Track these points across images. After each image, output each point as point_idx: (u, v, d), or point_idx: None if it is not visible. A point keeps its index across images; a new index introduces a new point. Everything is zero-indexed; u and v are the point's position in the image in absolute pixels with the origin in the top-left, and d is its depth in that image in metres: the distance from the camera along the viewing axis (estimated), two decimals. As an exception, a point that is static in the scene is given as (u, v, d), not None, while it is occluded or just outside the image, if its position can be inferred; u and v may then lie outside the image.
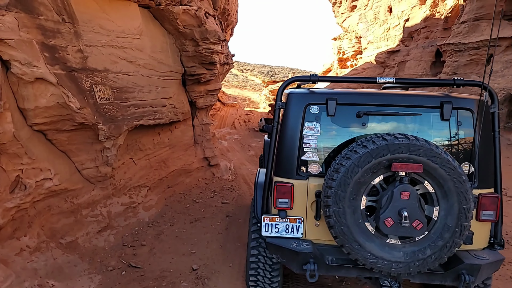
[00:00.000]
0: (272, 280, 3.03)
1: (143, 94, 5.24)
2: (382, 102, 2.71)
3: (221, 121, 17.79)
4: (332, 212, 2.34)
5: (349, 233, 2.33)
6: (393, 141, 2.27)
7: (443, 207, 2.32)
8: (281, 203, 2.68)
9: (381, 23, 17.03)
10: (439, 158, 2.24)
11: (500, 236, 2.67)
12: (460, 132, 2.66)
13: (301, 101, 2.75)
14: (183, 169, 7.01)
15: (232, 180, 7.71)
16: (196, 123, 7.75)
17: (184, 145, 7.25)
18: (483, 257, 2.51)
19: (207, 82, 7.30)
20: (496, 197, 2.56)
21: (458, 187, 2.25)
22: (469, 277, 2.40)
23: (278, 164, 2.78)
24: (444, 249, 2.32)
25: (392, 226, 2.28)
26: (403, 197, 2.27)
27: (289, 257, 2.63)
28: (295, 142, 2.71)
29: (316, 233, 2.72)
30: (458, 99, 2.66)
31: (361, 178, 2.32)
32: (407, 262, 2.33)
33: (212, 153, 7.89)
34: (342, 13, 21.65)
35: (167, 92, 5.98)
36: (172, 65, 6.13)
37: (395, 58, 15.35)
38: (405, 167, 2.25)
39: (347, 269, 2.61)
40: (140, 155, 5.78)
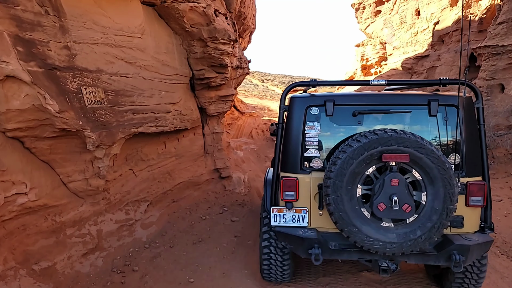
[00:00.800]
0: (283, 263, 3.30)
1: (144, 99, 4.74)
2: (375, 102, 3.02)
3: (238, 131, 17.26)
4: (331, 200, 2.64)
5: (347, 218, 2.62)
6: (383, 135, 2.56)
7: (430, 192, 2.58)
8: (287, 196, 2.97)
9: (408, 27, 16.12)
10: (424, 149, 2.51)
11: (490, 220, 2.91)
12: (447, 126, 2.93)
13: (302, 103, 3.04)
14: (191, 181, 6.44)
15: (244, 193, 7.06)
16: (207, 131, 7.20)
17: (193, 155, 6.70)
18: (473, 239, 2.74)
19: (218, 87, 6.76)
20: (483, 184, 2.81)
21: (443, 174, 2.52)
22: (459, 257, 2.65)
23: (283, 161, 3.08)
24: (433, 229, 2.58)
25: (384, 210, 2.57)
26: (393, 184, 2.56)
27: (296, 243, 2.92)
28: (298, 140, 3.01)
29: (320, 221, 3.00)
30: (444, 97, 2.92)
31: (356, 169, 2.60)
32: (400, 243, 2.60)
33: (223, 164, 7.30)
34: (366, 19, 20.84)
35: (172, 97, 5.47)
36: (179, 67, 5.63)
37: (424, 64, 14.37)
38: (394, 157, 2.54)
39: (348, 253, 2.88)
40: (142, 166, 5.26)
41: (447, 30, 13.58)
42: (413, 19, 15.91)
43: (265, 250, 3.30)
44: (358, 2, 20.89)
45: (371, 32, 20.13)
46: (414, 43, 15.71)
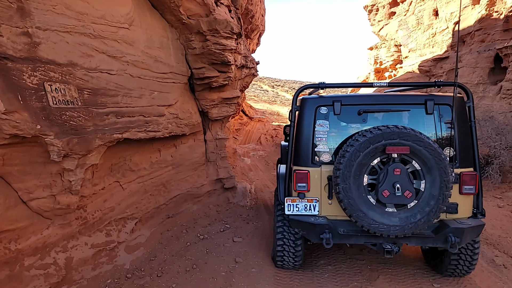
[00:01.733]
0: (296, 249, 3.58)
1: (131, 99, 4.05)
2: (378, 102, 3.31)
3: (246, 136, 16.56)
4: (341, 189, 2.95)
5: (355, 205, 2.94)
6: (386, 130, 2.90)
7: (428, 180, 2.92)
8: (300, 187, 3.23)
9: (425, 28, 15.24)
10: (422, 142, 2.86)
11: (481, 207, 3.22)
12: (442, 123, 3.22)
13: (312, 104, 3.31)
14: (190, 193, 5.72)
15: (250, 207, 6.30)
16: (209, 137, 6.49)
17: (193, 163, 5.99)
18: (466, 223, 3.09)
19: (221, 89, 6.06)
20: (475, 174, 3.15)
21: (439, 164, 2.86)
22: (455, 238, 2.99)
23: (296, 156, 3.33)
24: (431, 213, 2.91)
25: (388, 196, 2.91)
26: (396, 173, 2.90)
27: (308, 229, 3.19)
28: (309, 137, 3.28)
29: (329, 210, 3.27)
30: (439, 97, 3.21)
31: (362, 161, 2.92)
32: (402, 225, 2.93)
33: (227, 173, 6.56)
34: (379, 21, 20.01)
35: (167, 99, 4.78)
36: (175, 65, 4.95)
37: (443, 66, 13.47)
38: (396, 149, 2.88)
39: (356, 237, 3.15)
40: (130, 177, 4.57)
41: (469, 30, 12.67)
42: (431, 20, 15.04)
43: (279, 237, 3.59)
44: (371, 4, 20.11)
45: (385, 35, 19.29)
46: (432, 45, 14.82)
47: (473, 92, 11.83)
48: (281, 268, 3.83)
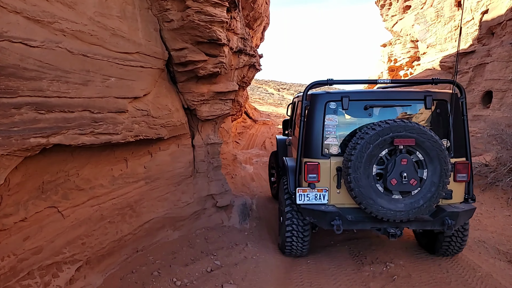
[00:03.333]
0: (304, 235, 3.76)
1: (68, 87, 2.72)
2: (382, 98, 3.63)
3: (249, 141, 15.19)
4: (352, 178, 3.15)
5: (365, 193, 3.16)
6: (393, 124, 3.12)
7: (430, 169, 3.16)
8: (310, 178, 3.46)
9: (446, 20, 13.84)
10: (426, 134, 3.09)
11: (472, 192, 3.57)
12: (439, 117, 3.55)
13: (322, 99, 3.55)
14: (169, 216, 4.36)
15: (250, 231, 4.92)
16: (198, 142, 5.14)
17: (175, 176, 4.63)
18: (460, 207, 3.40)
19: (212, 79, 4.72)
20: (467, 163, 3.47)
21: (439, 154, 3.11)
22: (451, 221, 3.26)
23: (306, 148, 3.56)
24: (432, 199, 3.18)
25: (396, 184, 3.14)
26: (403, 163, 3.12)
27: (320, 217, 3.41)
28: (319, 131, 3.51)
29: (338, 199, 3.51)
30: (437, 93, 3.51)
31: (372, 152, 3.13)
32: (406, 211, 3.17)
33: (221, 187, 5.20)
34: (393, 16, 18.63)
35: (131, 89, 3.43)
36: (144, 43, 3.61)
37: (469, 61, 12.03)
38: (403, 141, 3.10)
39: (363, 223, 3.38)
40: (77, 200, 3.22)
41: (499, 19, 11.23)
42: (452, 11, 13.63)
43: (288, 227, 3.73)
44: (383, -2, 18.76)
45: (399, 30, 17.88)
46: (454, 38, 13.40)
47: (508, 90, 10.36)
48: (289, 256, 4.00)
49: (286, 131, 5.75)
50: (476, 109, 11.10)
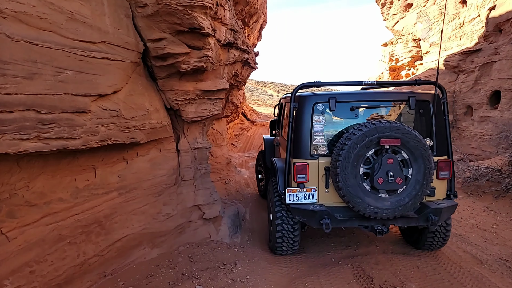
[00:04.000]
0: (294, 235, 3.83)
1: (4, 80, 2.19)
2: (368, 99, 3.74)
3: (246, 143, 14.66)
4: (340, 178, 3.23)
5: (353, 192, 3.24)
6: (379, 125, 3.19)
7: (414, 168, 3.27)
8: (299, 178, 3.50)
9: (450, 18, 13.30)
10: (410, 134, 3.19)
11: (454, 189, 3.69)
12: (422, 117, 3.68)
13: (310, 101, 3.61)
14: (147, 232, 3.82)
15: (241, 246, 4.38)
16: (184, 146, 4.60)
17: (156, 185, 4.09)
18: (443, 203, 3.52)
19: (198, 76, 4.19)
20: (449, 161, 3.59)
21: (423, 154, 3.22)
22: (434, 217, 3.39)
23: (295, 149, 3.60)
24: (417, 196, 3.29)
25: (383, 183, 3.23)
26: (389, 162, 3.21)
27: (309, 216, 3.46)
28: (307, 132, 3.56)
29: (326, 198, 3.57)
30: (420, 94, 3.63)
31: (359, 152, 3.20)
32: (393, 208, 3.28)
33: (209, 197, 4.65)
34: (394, 15, 18.08)
35: (94, 85, 2.89)
36: (112, 31, 3.07)
37: (475, 60, 11.49)
38: (389, 141, 3.18)
39: (351, 221, 3.48)
40: (28, 217, 2.68)
41: (508, 16, 10.70)
42: (457, 8, 13.11)
43: (278, 227, 3.80)
44: (384, -4, 18.23)
45: (400, 29, 17.36)
46: (459, 36, 12.87)
47: None
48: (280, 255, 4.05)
49: (273, 131, 5.83)
50: (483, 110, 10.58)
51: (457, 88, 11.75)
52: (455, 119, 11.57)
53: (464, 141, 10.80)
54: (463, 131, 11.04)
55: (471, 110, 11.10)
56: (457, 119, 11.46)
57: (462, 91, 11.43)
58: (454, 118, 11.59)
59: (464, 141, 10.73)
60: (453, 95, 11.79)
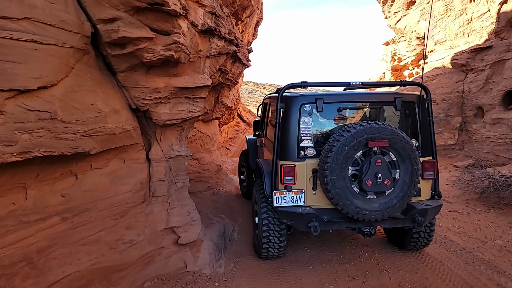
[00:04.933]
0: (280, 239, 3.76)
1: None
2: (355, 100, 3.77)
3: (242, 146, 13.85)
4: (329, 180, 3.17)
5: (342, 194, 3.19)
6: (367, 126, 3.15)
7: (402, 169, 3.25)
8: (287, 180, 3.42)
9: (457, 14, 12.57)
10: (398, 136, 3.17)
11: (438, 189, 3.68)
12: (408, 118, 3.69)
13: (297, 102, 3.54)
14: (101, 267, 3.01)
15: (223, 280, 3.57)
16: (156, 155, 3.81)
17: (116, 205, 3.28)
18: (428, 204, 3.51)
19: (169, 68, 3.40)
20: (434, 162, 3.60)
21: (411, 155, 3.20)
22: (420, 218, 3.38)
23: (282, 151, 3.53)
24: (404, 197, 3.28)
25: (371, 185, 3.18)
26: (377, 164, 3.16)
27: (297, 219, 3.39)
28: (295, 133, 3.50)
29: (314, 200, 3.52)
30: (405, 95, 3.64)
31: (348, 154, 3.15)
32: (381, 210, 3.24)
33: (186, 216, 3.85)
34: (396, 13, 17.35)
35: (10, 76, 2.08)
36: (42, 5, 2.25)
37: (485, 58, 10.74)
38: (377, 143, 3.15)
39: (339, 223, 3.42)
40: None
41: (521, 10, 9.94)
42: (464, 3, 12.37)
43: (264, 230, 3.71)
44: (385, -7, 17.50)
45: (403, 27, 16.63)
46: (467, 33, 12.12)
47: None
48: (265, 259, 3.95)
49: (256, 131, 5.69)
50: (495, 112, 9.80)
51: (466, 88, 10.97)
52: (464, 121, 10.79)
53: (475, 144, 10.00)
54: (474, 134, 10.26)
55: (481, 111, 10.32)
56: (467, 121, 10.68)
57: (471, 91, 10.65)
58: (464, 120, 10.82)
59: (475, 145, 9.94)
60: (461, 95, 11.02)
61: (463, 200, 6.02)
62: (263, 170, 3.89)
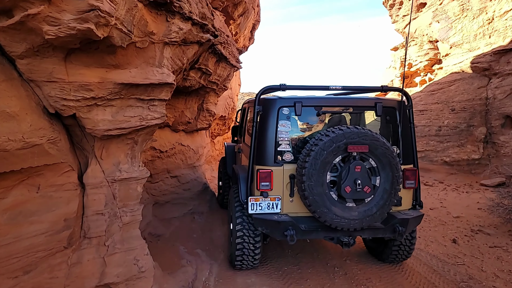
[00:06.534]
0: (255, 248, 3.56)
1: None
2: (335, 104, 3.69)
3: (240, 159, 12.66)
4: (306, 186, 3.02)
5: (320, 201, 3.04)
6: (347, 130, 3.05)
7: (382, 176, 3.13)
8: (263, 186, 3.29)
9: (475, 14, 11.47)
10: (378, 141, 3.06)
11: (419, 199, 3.59)
12: (388, 124, 3.61)
13: (275, 105, 3.41)
14: None
15: None
16: (94, 178, 2.75)
17: (18, 255, 2.20)
18: (409, 214, 3.40)
19: (102, 55, 2.35)
20: (415, 170, 3.50)
21: (391, 161, 3.09)
22: (401, 228, 3.24)
23: (259, 155, 3.38)
24: (385, 206, 3.15)
25: (350, 191, 3.05)
26: (357, 170, 3.04)
27: (273, 227, 3.25)
28: (272, 137, 3.35)
29: (291, 207, 3.37)
30: (386, 100, 3.59)
31: (326, 159, 3.03)
32: (360, 219, 3.10)
33: (132, 267, 2.75)
34: (404, 16, 16.32)
35: None
36: None
37: (511, 60, 9.57)
38: (357, 148, 3.04)
39: (316, 232, 3.25)
40: None
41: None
42: (483, 2, 11.27)
43: (238, 239, 3.51)
44: (393, -4, 16.52)
45: (413, 31, 15.55)
46: (488, 34, 10.99)
47: None
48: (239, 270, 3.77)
49: (235, 137, 5.59)
50: (526, 120, 8.63)
51: (490, 94, 9.78)
52: (489, 132, 9.56)
53: (504, 159, 8.75)
54: (502, 147, 9.01)
55: (510, 120, 9.10)
56: (493, 132, 9.44)
57: (497, 98, 9.46)
58: (489, 131, 9.59)
59: (504, 160, 8.69)
60: (485, 103, 9.82)
61: (505, 231, 4.82)
62: (239, 175, 3.74)
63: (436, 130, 10.52)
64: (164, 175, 5.46)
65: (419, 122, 11.03)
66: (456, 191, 7.90)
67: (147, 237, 4.30)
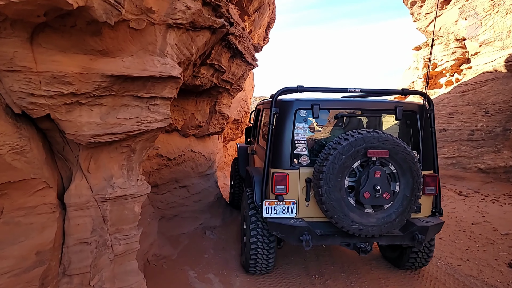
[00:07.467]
0: (269, 252, 3.45)
1: None
2: (353, 107, 3.52)
3: (254, 165, 12.04)
4: (324, 191, 2.92)
5: (337, 206, 2.94)
6: (367, 135, 2.93)
7: (402, 182, 3.01)
8: (278, 189, 3.19)
9: (508, 9, 10.59)
10: (399, 146, 2.95)
11: (439, 206, 3.45)
12: (408, 128, 3.53)
13: (292, 107, 3.30)
14: None
15: None
16: (78, 197, 2.15)
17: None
18: (429, 221, 3.27)
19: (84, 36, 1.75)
20: (435, 176, 3.36)
21: (412, 167, 2.97)
22: (421, 236, 3.13)
23: (275, 158, 3.29)
24: (404, 213, 3.04)
25: (369, 197, 2.93)
26: (376, 175, 2.93)
27: (288, 231, 3.14)
28: (288, 140, 3.26)
29: (306, 212, 3.26)
30: (407, 104, 3.46)
31: (345, 163, 2.92)
32: (378, 225, 2.99)
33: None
34: (427, 14, 15.46)
35: None
36: None
37: (552, 58, 8.69)
38: (377, 153, 2.92)
39: (332, 238, 3.15)
40: None
41: None
42: (517, -4, 10.39)
43: (253, 241, 3.42)
44: (414, -6, 15.70)
45: (437, 29, 14.70)
46: (524, 30, 10.10)
47: None
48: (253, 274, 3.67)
49: (248, 138, 5.47)
50: None
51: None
52: (531, 137, 8.68)
53: (550, 167, 7.86)
54: (547, 153, 8.12)
55: (555, 123, 8.22)
56: (534, 135, 8.56)
57: (537, 98, 8.58)
58: (530, 135, 8.70)
59: (550, 167, 7.80)
60: (523, 104, 8.94)
61: None
62: (253, 178, 3.64)
63: (469, 135, 9.66)
64: (172, 185, 4.87)
65: (449, 126, 10.19)
66: (497, 202, 7.06)
67: (151, 259, 3.69)
